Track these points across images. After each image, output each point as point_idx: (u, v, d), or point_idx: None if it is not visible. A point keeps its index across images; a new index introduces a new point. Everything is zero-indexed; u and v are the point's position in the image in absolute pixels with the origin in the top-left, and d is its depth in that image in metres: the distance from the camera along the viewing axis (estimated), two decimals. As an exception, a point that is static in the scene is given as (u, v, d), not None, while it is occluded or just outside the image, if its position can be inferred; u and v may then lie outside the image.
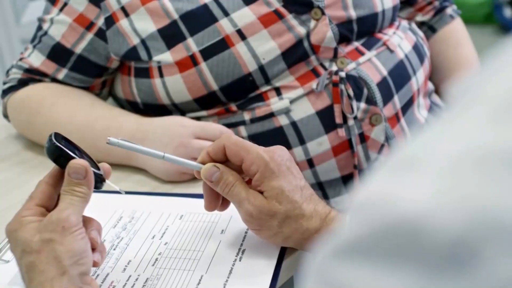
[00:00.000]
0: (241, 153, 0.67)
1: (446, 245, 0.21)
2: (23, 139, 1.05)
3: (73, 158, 0.63)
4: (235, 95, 0.93)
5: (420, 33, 1.13)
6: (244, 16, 0.91)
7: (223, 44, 0.91)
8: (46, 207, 0.62)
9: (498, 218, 0.20)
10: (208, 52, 0.91)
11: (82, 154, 0.66)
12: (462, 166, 0.22)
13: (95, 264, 0.62)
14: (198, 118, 0.95)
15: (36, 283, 0.56)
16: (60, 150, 0.63)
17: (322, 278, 0.24)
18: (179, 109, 0.97)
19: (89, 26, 0.97)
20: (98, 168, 0.66)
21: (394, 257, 0.22)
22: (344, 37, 0.96)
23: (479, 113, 0.23)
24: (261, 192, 0.66)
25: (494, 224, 0.20)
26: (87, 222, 0.63)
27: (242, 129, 0.94)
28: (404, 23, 1.09)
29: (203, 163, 0.69)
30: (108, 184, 0.67)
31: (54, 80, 1.01)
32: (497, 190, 0.21)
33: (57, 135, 0.65)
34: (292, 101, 0.93)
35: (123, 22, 0.94)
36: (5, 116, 1.05)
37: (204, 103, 0.95)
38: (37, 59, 1.01)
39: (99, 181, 0.65)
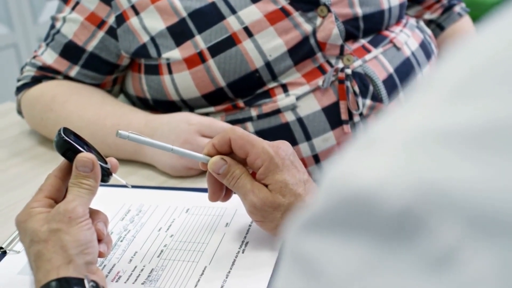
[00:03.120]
0: (247, 146, 0.68)
1: (395, 216, 0.22)
2: (36, 134, 1.08)
3: (80, 152, 0.65)
4: (242, 91, 0.95)
5: (428, 31, 1.14)
6: (251, 13, 0.93)
7: (230, 41, 0.92)
8: (54, 199, 0.64)
9: (441, 190, 0.22)
10: (216, 49, 0.93)
11: (90, 148, 0.68)
12: (413, 143, 0.23)
13: (101, 255, 0.64)
14: (206, 114, 0.97)
15: (43, 271, 0.58)
16: (69, 144, 0.65)
17: (293, 251, 0.25)
18: (188, 105, 0.99)
19: (100, 24, 0.99)
20: (105, 162, 0.68)
21: (351, 229, 0.23)
22: (350, 35, 0.97)
23: (436, 95, 0.25)
24: (266, 185, 0.68)
25: (438, 195, 0.22)
26: (94, 214, 0.65)
27: (249, 125, 0.96)
28: (412, 21, 1.10)
29: (209, 155, 0.71)
30: (116, 178, 0.69)
31: (67, 77, 1.03)
32: (442, 165, 0.22)
33: (66, 130, 0.67)
34: (298, 98, 0.94)
35: (133, 20, 0.96)
36: (19, 112, 1.08)
37: (212, 99, 0.97)
38: (50, 57, 1.03)
39: (106, 174, 0.67)
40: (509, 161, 0.21)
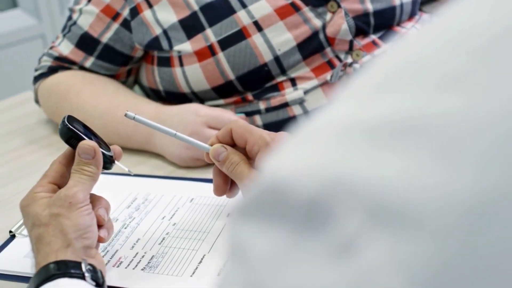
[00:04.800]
0: (245, 135, 0.70)
1: (304, 206, 0.23)
2: (52, 123, 1.11)
3: (83, 139, 0.67)
4: (251, 84, 0.96)
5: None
6: (261, 8, 0.94)
7: (240, 35, 0.94)
8: (58, 184, 0.67)
9: (346, 181, 0.23)
10: (226, 43, 0.94)
11: (93, 136, 0.70)
12: (331, 136, 0.24)
13: (101, 240, 0.66)
14: (216, 107, 0.99)
15: (43, 254, 0.60)
16: (72, 132, 0.67)
17: (231, 237, 0.26)
18: (198, 98, 1.01)
19: (115, 16, 1.01)
20: (108, 150, 0.70)
21: (271, 217, 0.25)
22: (360, 30, 0.98)
23: (365, 87, 0.26)
24: None
25: (342, 186, 0.23)
26: (96, 200, 0.67)
27: (258, 118, 0.97)
28: (425, 16, 1.10)
29: (212, 145, 0.72)
30: (119, 166, 0.71)
31: (82, 68, 1.06)
32: (349, 157, 0.23)
33: (70, 118, 0.69)
34: (306, 92, 0.95)
35: (146, 13, 0.98)
36: (37, 101, 1.11)
37: (222, 92, 0.98)
38: (66, 48, 1.05)
39: (109, 162, 0.69)
40: (405, 154, 0.22)
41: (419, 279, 0.21)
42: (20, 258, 0.73)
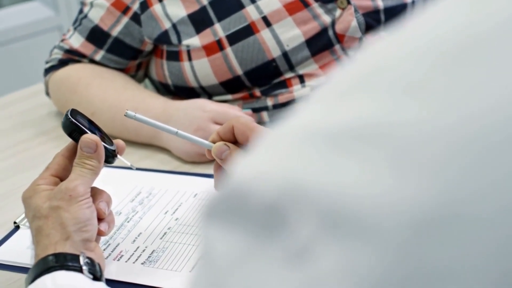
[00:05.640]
0: (247, 132, 0.69)
1: (262, 211, 0.23)
2: (62, 115, 1.11)
3: (86, 133, 0.67)
4: (259, 80, 0.96)
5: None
6: (270, 3, 0.93)
7: (248, 30, 0.93)
8: (60, 177, 0.67)
9: (302, 188, 0.22)
10: (234, 38, 0.94)
11: (97, 130, 0.70)
12: (289, 140, 0.24)
13: (101, 233, 0.66)
14: (224, 102, 0.98)
15: (42, 246, 0.60)
16: (74, 125, 0.67)
17: (200, 236, 0.26)
18: (206, 92, 1.00)
19: (125, 10, 1.01)
20: (111, 144, 0.70)
21: (233, 219, 0.25)
22: (371, 27, 0.97)
23: (327, 94, 0.26)
24: None
25: (298, 193, 0.22)
26: (97, 193, 0.67)
27: (265, 115, 0.96)
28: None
29: (213, 142, 0.72)
30: (121, 160, 0.71)
31: (92, 61, 1.06)
32: (306, 164, 0.23)
33: (73, 112, 0.69)
34: (314, 89, 0.94)
35: (156, 7, 0.98)
36: (47, 93, 1.12)
37: (230, 87, 0.98)
38: (76, 41, 1.06)
39: (111, 156, 0.69)
40: (361, 161, 0.22)
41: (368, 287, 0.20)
42: (23, 249, 0.73)
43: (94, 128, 0.70)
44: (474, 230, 0.20)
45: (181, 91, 1.03)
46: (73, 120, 0.67)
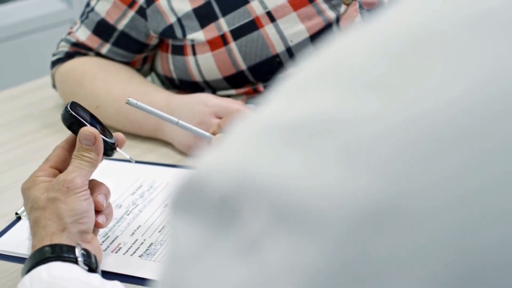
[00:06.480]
0: None
1: (216, 204, 0.23)
2: (68, 108, 1.12)
3: (85, 125, 0.67)
4: (263, 75, 0.96)
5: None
6: (275, -2, 0.93)
7: (252, 25, 0.93)
8: (59, 169, 0.68)
9: (254, 181, 0.23)
10: (238, 32, 0.94)
11: (97, 123, 0.71)
12: (248, 133, 0.24)
13: (99, 225, 0.66)
14: (228, 96, 0.99)
15: (39, 237, 0.61)
16: (74, 118, 0.67)
17: (168, 226, 0.27)
18: (210, 87, 1.01)
19: (131, 4, 1.01)
20: (111, 137, 0.71)
21: (192, 212, 0.25)
22: (376, 23, 0.96)
23: (291, 87, 0.26)
24: None
25: (250, 186, 0.22)
26: (96, 186, 0.68)
27: (268, 110, 0.96)
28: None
29: (214, 134, 0.72)
30: (120, 153, 0.72)
31: (98, 54, 1.07)
32: (261, 155, 0.23)
33: (73, 104, 0.69)
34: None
35: (161, 1, 0.98)
36: (54, 86, 1.13)
37: (234, 82, 0.98)
38: (83, 34, 1.07)
39: (110, 149, 0.69)
40: (312, 154, 0.22)
41: (314, 282, 0.20)
42: (23, 240, 0.74)
43: (94, 121, 0.70)
44: (414, 222, 0.20)
45: (185, 85, 1.04)
46: (72, 112, 0.68)
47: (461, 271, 0.20)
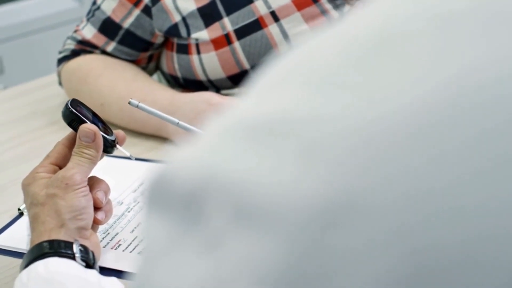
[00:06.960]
0: None
1: (182, 200, 0.24)
2: (74, 106, 1.13)
3: (85, 122, 0.68)
4: (266, 75, 0.96)
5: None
6: (279, -2, 0.93)
7: (256, 25, 0.94)
8: (60, 165, 0.68)
9: (217, 178, 0.23)
10: (242, 32, 0.94)
11: (98, 120, 0.71)
12: (216, 131, 0.25)
13: (98, 222, 0.67)
14: (231, 96, 0.99)
15: (37, 232, 0.62)
16: (74, 115, 0.68)
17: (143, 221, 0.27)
18: (214, 86, 1.01)
19: (137, 2, 1.02)
20: (111, 134, 0.71)
21: (161, 208, 0.25)
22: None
23: (262, 85, 0.26)
24: None
25: (214, 183, 0.23)
26: (96, 182, 0.69)
27: (271, 109, 0.97)
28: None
29: None
30: (121, 150, 0.72)
31: (104, 52, 1.07)
32: (224, 152, 0.23)
33: (74, 102, 0.70)
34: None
35: (167, 0, 0.99)
36: (60, 83, 1.13)
37: (237, 81, 0.98)
38: (89, 32, 1.07)
39: (110, 146, 0.70)
40: (271, 152, 0.22)
41: (270, 278, 0.21)
42: (24, 236, 0.75)
43: (95, 118, 0.71)
44: (370, 217, 0.20)
45: (190, 84, 1.04)
46: (73, 109, 0.68)
47: (414, 267, 0.20)
